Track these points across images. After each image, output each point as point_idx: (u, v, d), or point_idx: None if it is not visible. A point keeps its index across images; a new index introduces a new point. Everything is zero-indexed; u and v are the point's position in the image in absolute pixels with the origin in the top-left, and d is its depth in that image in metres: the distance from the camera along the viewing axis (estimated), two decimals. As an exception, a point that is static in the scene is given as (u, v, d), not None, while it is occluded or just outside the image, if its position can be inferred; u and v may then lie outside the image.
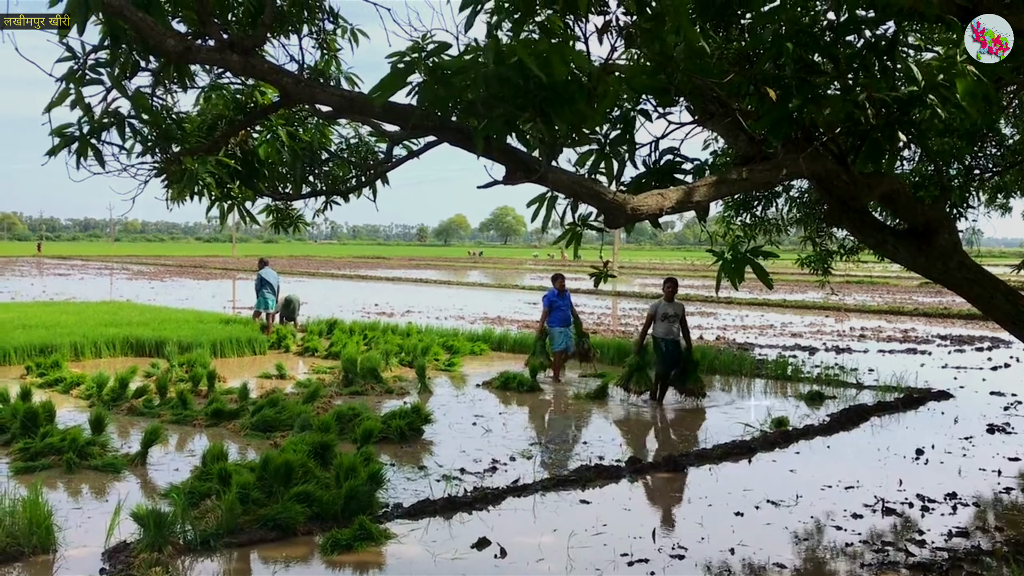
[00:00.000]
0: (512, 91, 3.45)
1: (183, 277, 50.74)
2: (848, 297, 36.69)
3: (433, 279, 51.20)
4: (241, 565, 6.60)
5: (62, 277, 48.26)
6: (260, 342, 18.11)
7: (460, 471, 9.01)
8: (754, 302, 33.88)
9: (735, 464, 9.76)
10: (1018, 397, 14.01)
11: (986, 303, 5.42)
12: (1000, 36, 4.38)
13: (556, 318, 14.93)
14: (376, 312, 27.45)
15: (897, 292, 42.44)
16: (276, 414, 10.73)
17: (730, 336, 22.44)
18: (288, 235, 7.68)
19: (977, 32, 4.46)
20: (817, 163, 4.97)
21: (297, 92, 4.37)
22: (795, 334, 23.42)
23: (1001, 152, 10.96)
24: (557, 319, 14.92)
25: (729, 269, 4.48)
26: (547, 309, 15.03)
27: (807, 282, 40.77)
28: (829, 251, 13.36)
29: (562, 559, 6.64)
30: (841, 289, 40.25)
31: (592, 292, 39.08)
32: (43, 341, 16.05)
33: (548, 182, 4.21)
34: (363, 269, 62.23)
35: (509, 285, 45.41)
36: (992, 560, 6.82)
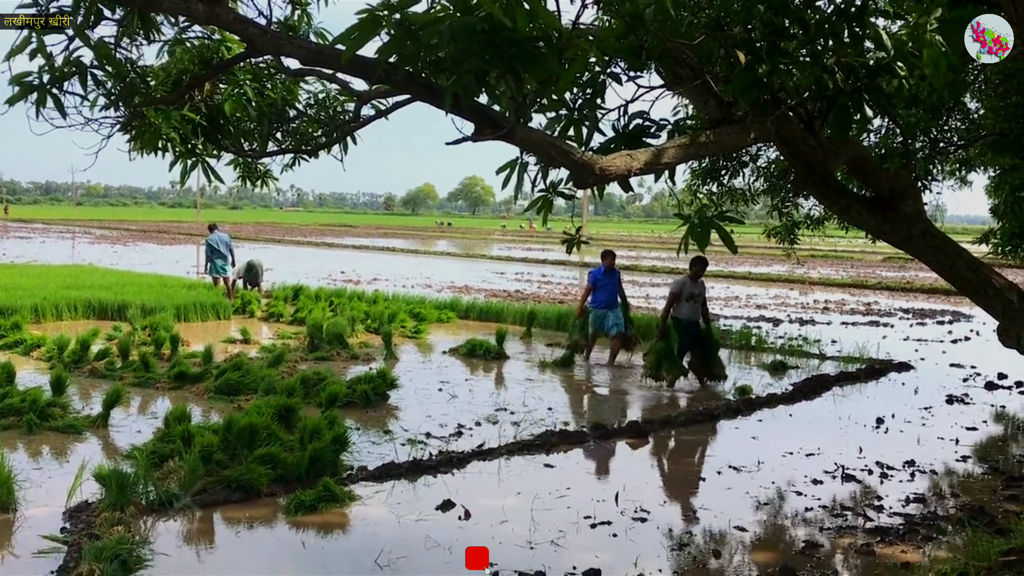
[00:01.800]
0: (481, 45, 3.43)
1: (146, 242, 50.17)
2: (813, 270, 37.03)
3: (400, 248, 51.07)
4: (204, 525, 6.58)
5: (23, 240, 47.53)
6: (224, 307, 17.97)
7: (426, 435, 9.02)
8: (720, 274, 34.09)
9: (698, 430, 9.86)
10: (977, 369, 14.24)
11: (948, 271, 5.48)
12: (1000, 36, 4.39)
13: (600, 298, 13.76)
14: (343, 279, 27.32)
15: (861, 266, 42.91)
16: (240, 378, 10.67)
17: (696, 307, 22.55)
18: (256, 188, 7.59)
19: (977, 32, 4.47)
20: (785, 127, 4.98)
21: (263, 43, 4.31)
22: (760, 306, 23.63)
23: (966, 126, 11.04)
24: (602, 299, 13.75)
25: (695, 233, 4.49)
26: (590, 287, 13.94)
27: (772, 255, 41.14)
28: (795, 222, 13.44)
29: (526, 521, 6.68)
30: (806, 262, 40.63)
31: (560, 263, 39.20)
32: (2, 303, 15.78)
33: (517, 139, 4.19)
34: (329, 237, 61.83)
35: (477, 255, 45.32)
36: (947, 525, 6.95)
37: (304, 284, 21.55)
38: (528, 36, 3.52)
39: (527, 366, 13.59)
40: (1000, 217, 11.17)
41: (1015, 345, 5.33)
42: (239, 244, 21.15)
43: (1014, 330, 5.27)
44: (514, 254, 45.98)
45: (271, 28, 4.97)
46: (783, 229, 12.91)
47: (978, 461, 8.95)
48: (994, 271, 5.53)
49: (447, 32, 3.36)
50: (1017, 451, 9.45)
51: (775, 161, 11.66)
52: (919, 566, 5.98)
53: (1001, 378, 13.36)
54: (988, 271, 5.47)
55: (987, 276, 5.41)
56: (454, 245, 56.83)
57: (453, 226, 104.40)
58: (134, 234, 59.06)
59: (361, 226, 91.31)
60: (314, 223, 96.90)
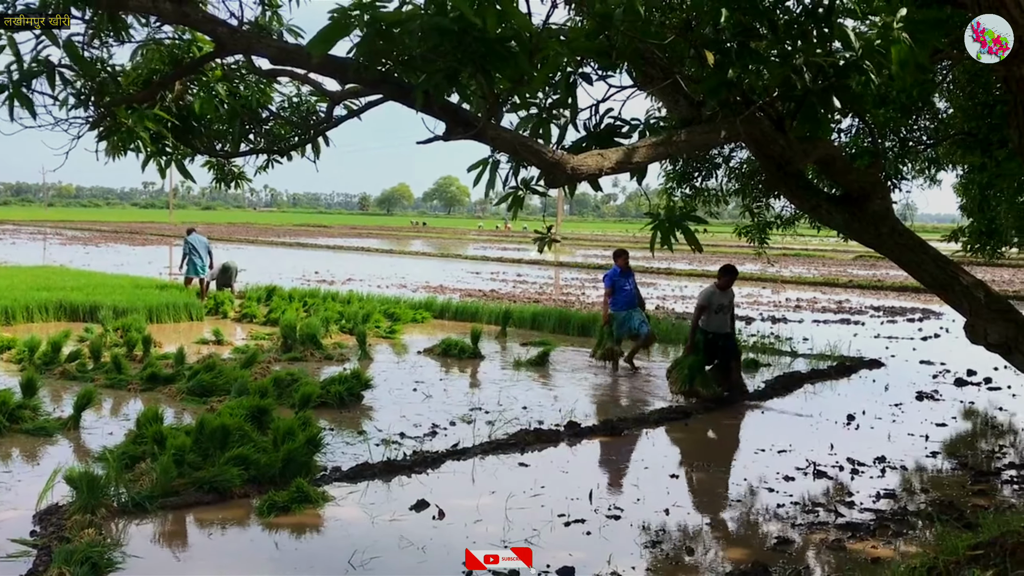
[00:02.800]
0: (451, 44, 3.44)
1: (119, 243, 49.77)
2: (785, 269, 37.29)
3: (375, 248, 50.96)
4: (176, 527, 6.55)
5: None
6: (197, 308, 17.86)
7: (400, 435, 9.01)
8: (693, 273, 34.26)
9: (672, 428, 9.91)
10: (946, 366, 14.38)
11: (916, 268, 5.54)
12: (1000, 36, 4.43)
13: (620, 300, 13.26)
14: (316, 280, 27.23)
15: (832, 265, 43.23)
16: (213, 379, 10.61)
17: (669, 306, 22.71)
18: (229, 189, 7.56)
19: (977, 32, 4.50)
20: (754, 126, 5.02)
21: (232, 42, 4.29)
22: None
23: (935, 125, 11.16)
24: (622, 301, 13.25)
25: (663, 230, 4.54)
26: (609, 289, 13.34)
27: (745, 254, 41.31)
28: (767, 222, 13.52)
29: (500, 520, 6.69)
30: (778, 261, 40.88)
31: (536, 262, 39.23)
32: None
33: (488, 138, 4.20)
34: (303, 237, 61.59)
35: (452, 255, 45.28)
36: (917, 520, 7.03)
37: (277, 285, 21.49)
38: (499, 36, 3.53)
39: (502, 366, 13.61)
40: (969, 215, 11.30)
41: (982, 342, 5.40)
42: (213, 245, 21.00)
43: (981, 327, 5.34)
44: (489, 254, 45.97)
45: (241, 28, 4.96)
46: (754, 229, 13.00)
47: (947, 457, 9.05)
48: (961, 269, 5.59)
49: (418, 31, 3.36)
50: (986, 447, 9.56)
51: (747, 162, 11.74)
52: (889, 561, 6.04)
53: (970, 375, 13.50)
54: (955, 268, 5.54)
55: (954, 273, 5.48)
56: (429, 245, 56.74)
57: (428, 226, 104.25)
58: (106, 235, 58.57)
59: (335, 226, 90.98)
60: (288, 223, 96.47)
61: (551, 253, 45.75)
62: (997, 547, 5.05)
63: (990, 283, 24.95)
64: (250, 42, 4.44)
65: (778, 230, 13.50)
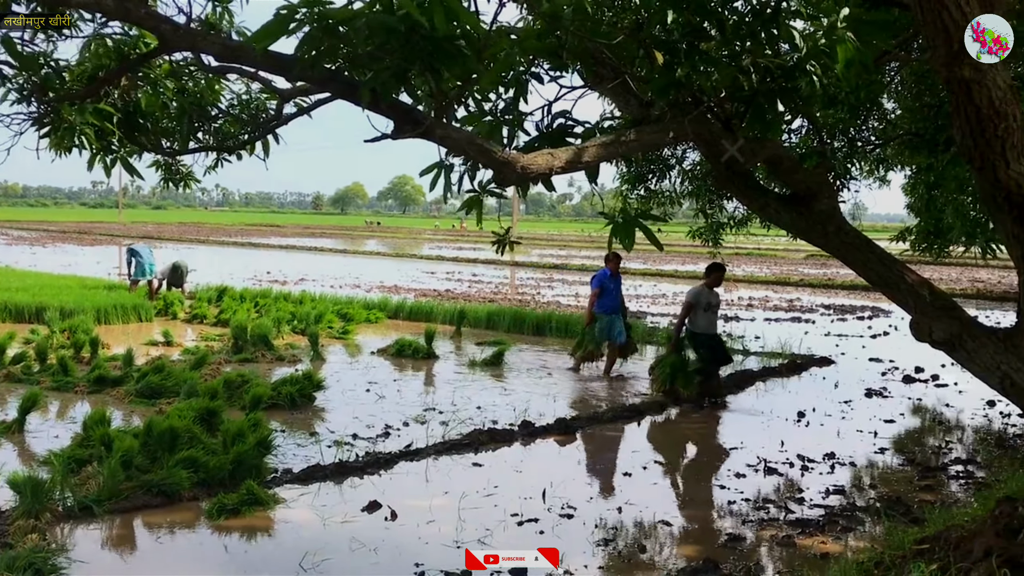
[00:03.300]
0: (399, 42, 3.41)
1: (66, 243, 48.92)
2: (737, 268, 37.61)
3: (329, 248, 50.62)
4: (124, 531, 6.44)
5: (-65, 242, 45.99)
6: (146, 309, 17.61)
7: (352, 436, 8.95)
8: (648, 272, 34.45)
9: (625, 426, 9.97)
10: (895, 363, 14.60)
11: (862, 266, 5.60)
12: (1000, 36, 4.46)
13: (607, 303, 12.90)
14: (268, 280, 26.98)
15: (784, 264, 43.73)
16: (162, 380, 10.47)
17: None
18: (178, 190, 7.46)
19: (977, 32, 4.53)
20: (703, 127, 5.05)
21: (176, 39, 4.23)
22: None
23: (883, 126, 11.32)
24: (608, 305, 12.90)
25: (620, 231, 4.55)
26: (597, 291, 12.93)
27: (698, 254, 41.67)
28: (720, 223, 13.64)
29: (453, 520, 6.67)
30: (730, 261, 41.21)
31: (491, 262, 39.19)
32: (-88, 307, 15.28)
33: (437, 137, 4.18)
34: (255, 237, 60.96)
35: (407, 254, 45.11)
36: (865, 515, 7.13)
37: (229, 285, 21.23)
38: (447, 34, 3.52)
39: (457, 366, 13.58)
40: (916, 215, 11.47)
41: (927, 339, 5.47)
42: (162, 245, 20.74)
43: (926, 324, 5.41)
44: (445, 253, 45.85)
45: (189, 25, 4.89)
46: (707, 229, 13.11)
47: (895, 453, 9.18)
48: (907, 267, 5.67)
49: (364, 28, 3.33)
50: (933, 442, 9.72)
51: (700, 163, 11.83)
52: (838, 556, 6.11)
53: (918, 371, 13.72)
54: (901, 267, 5.61)
55: (900, 272, 5.55)
56: (384, 245, 56.48)
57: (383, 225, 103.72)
58: (53, 235, 57.52)
59: (289, 226, 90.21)
60: (240, 223, 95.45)
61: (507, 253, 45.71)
62: (942, 541, 5.13)
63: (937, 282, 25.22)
64: (194, 39, 4.38)
65: (731, 230, 13.64)
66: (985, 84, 4.18)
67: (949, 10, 4.01)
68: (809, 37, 4.69)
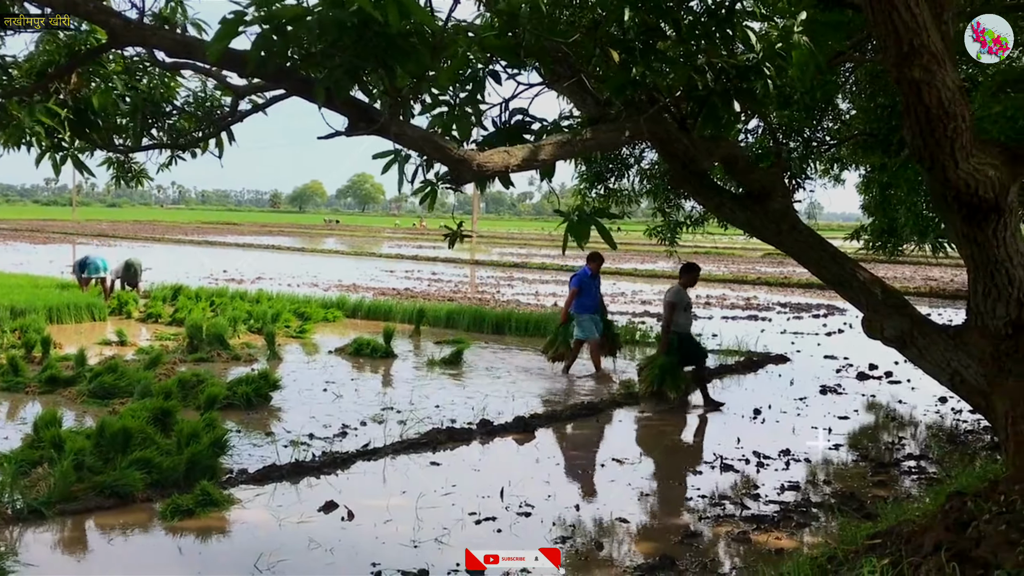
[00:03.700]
0: (352, 39, 3.39)
1: (18, 241, 48.07)
2: (696, 267, 37.76)
3: (287, 246, 50.24)
4: (76, 533, 6.35)
5: None
6: (100, 308, 17.35)
7: (309, 436, 8.89)
8: (607, 271, 34.44)
9: (583, 424, 10.00)
10: (849, 360, 14.78)
11: (815, 265, 5.67)
12: (1000, 36, 4.49)
13: (585, 303, 12.83)
14: (225, 279, 26.69)
15: (741, 262, 44.10)
16: (115, 380, 10.33)
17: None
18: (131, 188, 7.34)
19: (977, 32, 4.56)
20: (659, 126, 5.08)
21: (126, 34, 4.16)
22: (645, 301, 24.11)
23: (838, 126, 11.45)
24: (586, 304, 12.83)
25: (575, 229, 4.55)
26: (575, 290, 12.88)
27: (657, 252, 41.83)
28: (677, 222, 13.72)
29: (410, 520, 6.65)
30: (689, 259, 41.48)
31: (450, 260, 39.14)
32: None
33: (392, 134, 4.16)
34: (212, 235, 60.29)
35: (366, 253, 44.89)
36: (819, 511, 7.21)
37: (184, 284, 20.99)
38: (401, 31, 3.50)
39: (415, 365, 13.54)
40: (871, 214, 11.62)
41: (878, 336, 5.55)
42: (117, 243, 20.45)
43: (877, 321, 5.49)
44: (404, 252, 45.66)
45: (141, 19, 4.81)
46: (664, 228, 13.18)
47: (849, 449, 9.30)
48: (859, 265, 5.74)
49: (315, 26, 3.31)
50: (886, 438, 9.86)
51: (658, 163, 11.88)
52: (792, 552, 6.17)
53: (872, 369, 13.91)
54: (854, 265, 5.68)
55: (852, 270, 5.62)
56: (342, 243, 56.17)
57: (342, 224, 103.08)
58: (5, 233, 56.44)
59: (246, 224, 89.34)
60: (196, 221, 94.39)
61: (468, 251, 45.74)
62: (893, 535, 5.19)
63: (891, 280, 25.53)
64: (145, 35, 4.31)
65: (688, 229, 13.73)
66: (935, 85, 4.24)
67: (899, 11, 4.07)
68: (764, 38, 4.74)
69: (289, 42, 3.49)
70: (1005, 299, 4.89)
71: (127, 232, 58.14)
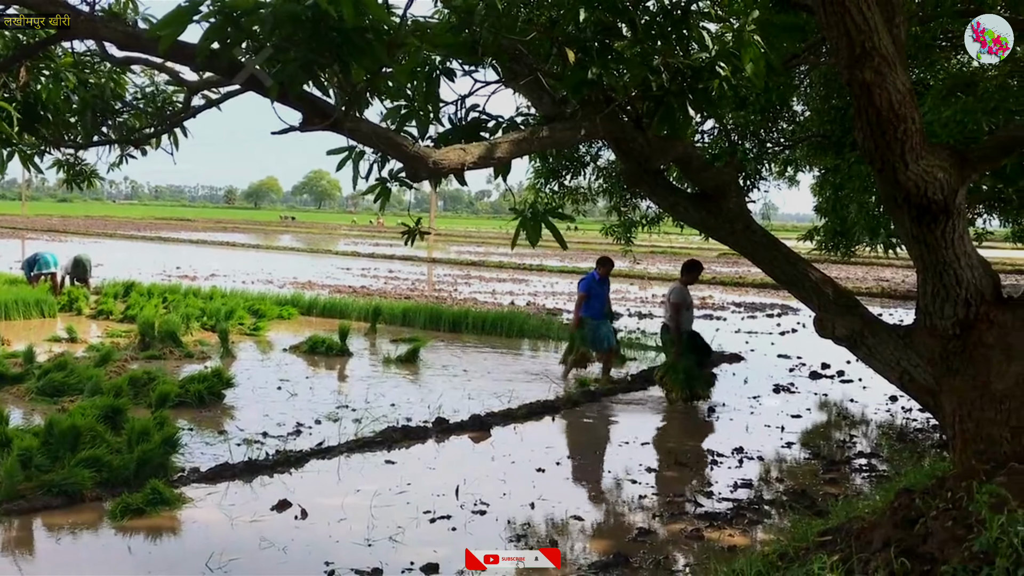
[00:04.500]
0: (306, 34, 3.36)
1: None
2: (652, 267, 38.10)
3: (241, 243, 49.71)
4: (22, 533, 6.25)
5: None
6: (49, 304, 17.05)
7: (262, 435, 8.81)
8: (564, 270, 34.64)
9: (539, 423, 10.01)
10: (802, 359, 14.95)
11: (768, 264, 5.73)
12: (1000, 36, 4.51)
13: (595, 307, 12.51)
14: (178, 275, 26.36)
15: (697, 262, 44.28)
16: (65, 378, 10.15)
17: (540, 302, 22.92)
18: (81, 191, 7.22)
19: (977, 32, 4.58)
20: (614, 125, 5.10)
21: (75, 25, 4.09)
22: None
23: (792, 128, 11.58)
24: (596, 308, 12.52)
25: (527, 226, 4.56)
26: (584, 295, 12.58)
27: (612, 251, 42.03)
28: (633, 221, 13.79)
29: (364, 518, 6.62)
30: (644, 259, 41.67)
31: (407, 258, 38.99)
32: None
33: (346, 130, 4.13)
34: (165, 231, 59.48)
35: (322, 250, 44.59)
36: (772, 508, 7.28)
37: (136, 280, 20.68)
38: (356, 27, 3.47)
39: (371, 363, 13.48)
40: (824, 215, 11.75)
41: (830, 335, 5.62)
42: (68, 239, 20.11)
43: (829, 321, 5.56)
44: (361, 249, 45.36)
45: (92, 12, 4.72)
46: (620, 227, 13.24)
47: (802, 447, 9.40)
48: (811, 266, 5.81)
49: (269, 19, 3.27)
50: (838, 436, 9.98)
51: (614, 161, 11.93)
52: (745, 549, 6.23)
53: (824, 368, 14.08)
54: (806, 265, 5.75)
55: (804, 270, 5.69)
56: (298, 240, 55.74)
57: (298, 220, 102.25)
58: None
59: (200, 220, 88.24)
60: (149, 216, 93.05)
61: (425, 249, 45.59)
62: (844, 532, 5.26)
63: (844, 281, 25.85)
64: (95, 27, 4.24)
65: (644, 229, 13.81)
66: (885, 87, 4.30)
67: (851, 14, 4.12)
68: (719, 39, 4.78)
69: (242, 35, 3.45)
70: (953, 299, 4.97)
71: (78, 228, 57.20)
